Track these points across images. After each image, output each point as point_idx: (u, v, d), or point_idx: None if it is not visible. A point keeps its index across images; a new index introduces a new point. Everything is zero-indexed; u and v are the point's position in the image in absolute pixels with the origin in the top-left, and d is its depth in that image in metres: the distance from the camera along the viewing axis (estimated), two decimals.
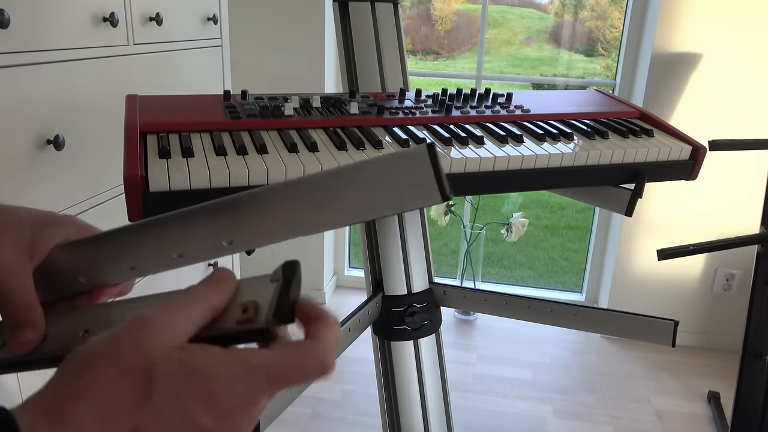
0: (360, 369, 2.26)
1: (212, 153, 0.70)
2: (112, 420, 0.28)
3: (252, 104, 0.85)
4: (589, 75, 4.30)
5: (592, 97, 1.08)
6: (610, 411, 2.09)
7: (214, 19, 1.75)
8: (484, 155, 0.79)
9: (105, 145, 1.33)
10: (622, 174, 0.88)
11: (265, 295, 0.34)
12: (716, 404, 2.10)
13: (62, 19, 1.16)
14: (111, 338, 0.30)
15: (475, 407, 2.08)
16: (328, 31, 2.46)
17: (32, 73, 1.10)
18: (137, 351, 0.29)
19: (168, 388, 0.29)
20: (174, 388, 0.29)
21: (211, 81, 1.79)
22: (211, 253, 0.39)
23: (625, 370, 2.34)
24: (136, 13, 1.38)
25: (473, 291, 1.13)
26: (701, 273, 2.44)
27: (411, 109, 0.89)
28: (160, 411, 0.29)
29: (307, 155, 0.73)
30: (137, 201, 0.63)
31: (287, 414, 1.97)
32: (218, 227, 0.38)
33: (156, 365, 0.29)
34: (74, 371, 0.29)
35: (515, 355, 2.41)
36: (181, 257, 0.39)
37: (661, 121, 0.97)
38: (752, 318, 1.66)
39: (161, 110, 0.80)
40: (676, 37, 2.19)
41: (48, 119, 1.15)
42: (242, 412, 0.31)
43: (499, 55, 5.15)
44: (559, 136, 0.88)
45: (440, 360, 1.12)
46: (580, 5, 4.00)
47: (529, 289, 3.13)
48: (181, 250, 0.39)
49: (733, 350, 2.45)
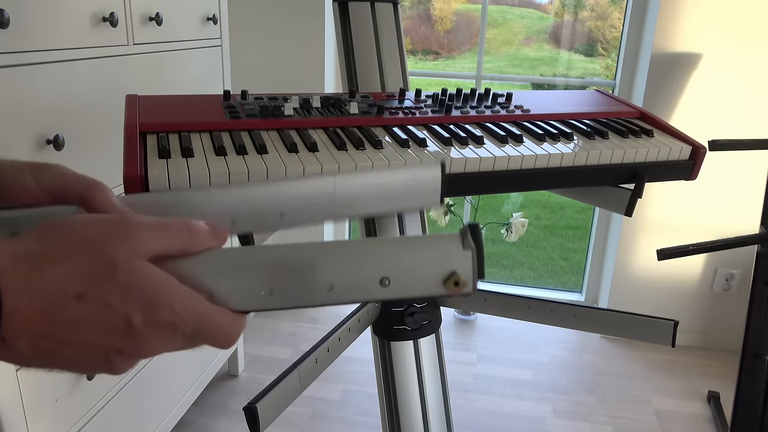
0: (360, 369, 2.26)
1: (212, 153, 0.70)
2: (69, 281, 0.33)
3: (252, 104, 0.85)
4: (589, 75, 4.30)
5: (592, 97, 1.08)
6: (609, 411, 2.09)
7: (214, 19, 1.75)
8: (484, 155, 0.79)
9: (105, 145, 1.33)
10: (622, 174, 0.88)
11: (462, 265, 0.39)
12: (716, 404, 2.10)
13: (62, 19, 1.16)
14: (94, 224, 0.36)
15: (474, 407, 2.08)
16: (328, 31, 2.46)
17: (32, 73, 1.10)
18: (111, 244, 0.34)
19: (122, 279, 0.34)
20: (128, 281, 0.34)
21: (211, 81, 1.79)
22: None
23: (624, 370, 2.34)
24: (136, 13, 1.38)
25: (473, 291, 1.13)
26: (701, 273, 2.44)
27: (411, 109, 0.89)
28: (108, 292, 0.33)
29: (306, 155, 0.73)
30: None
31: (287, 414, 1.97)
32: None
33: (120, 260, 0.34)
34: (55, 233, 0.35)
35: (515, 355, 2.41)
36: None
37: (660, 121, 0.97)
38: (752, 318, 1.66)
39: (161, 110, 0.80)
40: (676, 37, 2.19)
41: (48, 119, 1.15)
42: (165, 330, 0.35)
43: (498, 55, 5.16)
44: (559, 136, 0.88)
45: (440, 360, 1.12)
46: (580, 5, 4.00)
47: (528, 289, 3.13)
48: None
49: (733, 350, 2.46)
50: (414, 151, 0.77)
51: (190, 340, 0.37)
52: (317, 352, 0.88)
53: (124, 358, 0.35)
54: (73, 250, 0.34)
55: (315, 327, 2.55)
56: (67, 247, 0.34)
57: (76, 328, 0.33)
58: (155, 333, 0.35)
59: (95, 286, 0.33)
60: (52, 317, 0.33)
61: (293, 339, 2.45)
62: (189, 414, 1.92)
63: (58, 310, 0.33)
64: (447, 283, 0.39)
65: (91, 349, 0.34)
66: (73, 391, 1.28)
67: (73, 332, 0.33)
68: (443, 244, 0.40)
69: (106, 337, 0.34)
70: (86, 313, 0.33)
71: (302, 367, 0.84)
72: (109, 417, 1.42)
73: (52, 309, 0.33)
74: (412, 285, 0.40)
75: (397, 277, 0.39)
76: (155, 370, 1.61)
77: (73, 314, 0.33)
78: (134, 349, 0.35)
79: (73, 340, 0.34)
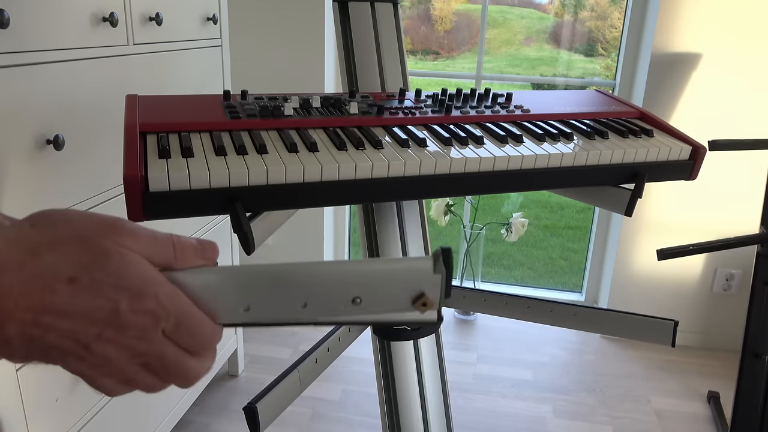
0: (360, 369, 2.26)
1: (212, 153, 0.70)
2: (62, 266, 0.34)
3: (252, 104, 0.85)
4: (589, 75, 4.30)
5: (592, 97, 1.08)
6: (609, 411, 2.09)
7: (214, 19, 1.75)
8: (484, 155, 0.79)
9: (105, 145, 1.33)
10: (622, 174, 0.88)
11: (430, 288, 0.41)
12: (716, 404, 2.10)
13: (62, 19, 1.16)
14: (87, 217, 0.37)
15: (474, 407, 2.08)
16: (328, 31, 2.46)
17: (32, 73, 1.10)
18: (103, 235, 0.36)
19: (115, 268, 0.35)
20: (119, 270, 0.35)
21: (211, 81, 1.79)
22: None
23: (624, 370, 2.34)
24: (136, 13, 1.38)
25: (473, 291, 1.13)
26: (701, 273, 2.44)
27: (411, 109, 0.89)
28: (100, 278, 0.35)
29: (306, 155, 0.73)
30: (137, 201, 0.63)
31: (287, 414, 1.97)
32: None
33: (112, 250, 0.35)
34: (49, 221, 0.36)
35: (515, 355, 2.41)
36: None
37: (660, 121, 0.97)
38: (752, 318, 1.66)
39: (161, 110, 0.80)
40: (676, 37, 2.19)
41: (48, 119, 1.15)
42: (148, 318, 0.36)
43: (498, 55, 5.15)
44: (559, 136, 0.88)
45: (440, 360, 1.12)
46: (579, 5, 4.00)
47: (528, 289, 3.13)
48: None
49: (733, 350, 2.46)
50: (414, 151, 0.77)
51: (170, 335, 0.37)
52: (317, 352, 0.88)
53: (102, 344, 0.36)
54: (67, 238, 0.35)
55: (315, 327, 2.54)
56: (60, 234, 0.35)
57: (65, 312, 0.34)
58: (138, 320, 0.36)
59: (87, 271, 0.34)
60: (44, 300, 0.34)
61: (293, 339, 2.45)
62: (189, 414, 1.92)
63: (50, 292, 0.34)
64: (416, 304, 0.41)
65: (73, 335, 0.35)
66: (73, 391, 1.28)
67: (60, 317, 0.34)
68: (415, 266, 0.41)
69: (91, 323, 0.35)
70: (76, 297, 0.34)
71: (302, 367, 0.84)
72: (109, 417, 1.42)
73: (45, 291, 0.34)
74: (383, 303, 0.41)
75: (369, 295, 0.40)
76: None
77: (64, 298, 0.34)
78: (113, 335, 0.36)
79: (58, 325, 0.34)
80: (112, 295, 0.35)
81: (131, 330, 0.36)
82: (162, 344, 0.37)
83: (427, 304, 0.41)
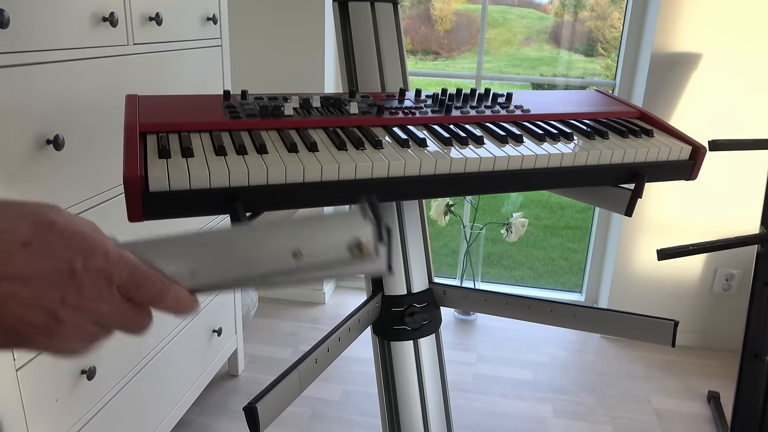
0: (360, 369, 2.26)
1: (212, 153, 0.70)
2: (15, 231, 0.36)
3: (252, 104, 0.85)
4: (589, 75, 4.30)
5: (592, 97, 1.08)
6: (609, 411, 2.09)
7: (214, 19, 1.75)
8: (484, 155, 0.79)
9: (105, 145, 1.33)
10: (622, 174, 0.88)
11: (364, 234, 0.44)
12: (716, 404, 2.10)
13: (62, 19, 1.16)
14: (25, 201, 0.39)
15: (474, 407, 2.08)
16: (328, 31, 2.46)
17: (32, 73, 1.10)
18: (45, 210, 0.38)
19: (60, 231, 0.37)
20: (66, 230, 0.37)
21: (211, 81, 1.79)
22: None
23: (624, 370, 2.34)
24: (136, 13, 1.38)
25: (473, 291, 1.13)
26: (701, 273, 2.44)
27: (411, 109, 0.89)
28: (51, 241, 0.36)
29: (306, 155, 0.73)
30: (137, 201, 0.63)
31: (287, 414, 1.97)
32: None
33: (56, 219, 0.37)
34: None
35: (515, 355, 2.41)
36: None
37: (660, 121, 0.97)
38: (752, 318, 1.66)
39: (161, 110, 0.80)
40: (676, 37, 2.19)
41: (48, 119, 1.15)
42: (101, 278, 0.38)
43: (498, 55, 5.15)
44: (559, 136, 0.88)
45: (440, 360, 1.12)
46: (579, 5, 4.00)
47: (528, 289, 3.13)
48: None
49: (733, 350, 2.46)
50: (414, 151, 0.77)
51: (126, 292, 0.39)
52: (317, 352, 0.88)
53: (70, 312, 0.37)
54: (15, 211, 0.37)
55: (315, 327, 2.55)
56: (7, 209, 0.37)
57: (25, 277, 0.35)
58: (92, 280, 0.38)
59: (38, 235, 0.36)
60: (2, 264, 0.35)
61: (293, 339, 2.45)
62: (189, 414, 1.92)
63: (7, 256, 0.35)
64: (354, 250, 0.44)
65: (39, 302, 0.36)
66: (73, 391, 1.28)
67: (21, 283, 0.35)
68: (346, 216, 0.44)
69: (52, 286, 0.36)
70: (34, 259, 0.36)
71: (302, 367, 0.84)
72: (109, 417, 1.42)
73: (2, 254, 0.35)
74: (322, 253, 0.43)
75: (308, 247, 0.43)
76: (155, 370, 1.61)
77: (21, 261, 0.35)
78: (75, 299, 0.37)
79: (20, 293, 0.35)
80: (66, 254, 0.36)
81: (88, 290, 0.37)
82: (119, 303, 0.39)
83: (363, 249, 0.44)
